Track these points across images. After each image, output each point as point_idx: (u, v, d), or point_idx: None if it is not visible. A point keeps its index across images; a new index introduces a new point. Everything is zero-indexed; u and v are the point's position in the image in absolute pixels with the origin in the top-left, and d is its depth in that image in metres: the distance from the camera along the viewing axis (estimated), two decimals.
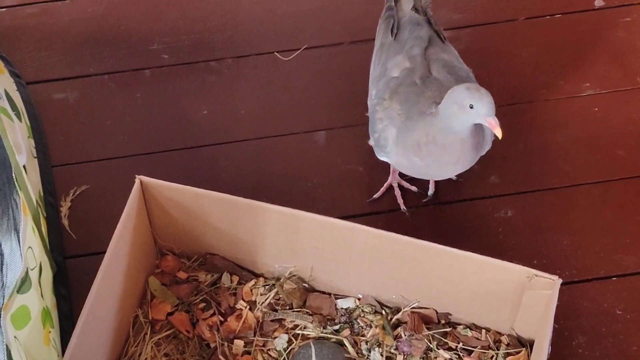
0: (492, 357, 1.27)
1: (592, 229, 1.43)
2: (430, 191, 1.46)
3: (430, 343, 1.27)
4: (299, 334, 1.30)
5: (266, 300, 1.32)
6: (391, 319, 1.30)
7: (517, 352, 1.27)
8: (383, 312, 1.31)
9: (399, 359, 1.27)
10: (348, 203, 1.46)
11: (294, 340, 1.29)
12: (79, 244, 1.41)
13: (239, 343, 1.28)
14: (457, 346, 1.28)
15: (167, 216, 1.30)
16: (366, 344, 1.29)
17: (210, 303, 1.31)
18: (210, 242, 1.33)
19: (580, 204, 1.46)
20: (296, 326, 1.30)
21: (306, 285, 1.34)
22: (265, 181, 1.48)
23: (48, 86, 1.58)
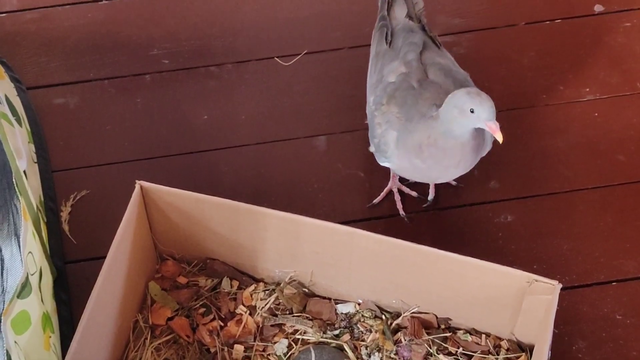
0: None
1: (592, 234, 1.43)
2: (430, 196, 1.46)
3: (430, 348, 1.27)
4: (299, 338, 1.30)
5: (266, 305, 1.32)
6: (391, 323, 1.30)
7: (517, 357, 1.27)
8: (383, 317, 1.31)
9: None
10: (348, 208, 1.46)
11: (294, 345, 1.29)
12: (79, 249, 1.41)
13: (239, 348, 1.28)
14: (457, 351, 1.28)
15: (167, 221, 1.30)
16: (366, 349, 1.29)
17: (210, 308, 1.31)
18: (211, 247, 1.33)
19: (580, 209, 1.46)
20: (296, 331, 1.30)
21: (306, 290, 1.34)
22: (266, 186, 1.48)
23: (48, 91, 1.58)
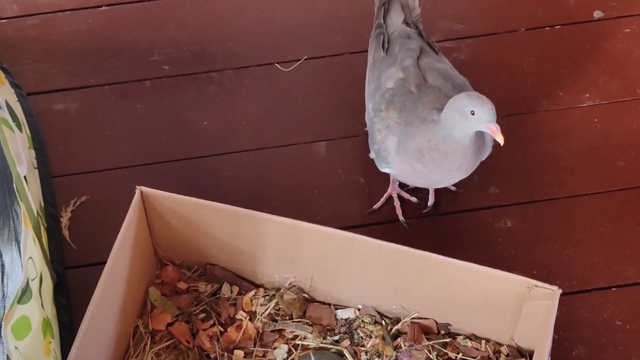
0: None
1: (592, 240, 1.43)
2: (430, 202, 1.46)
3: (430, 353, 1.27)
4: (299, 344, 1.30)
5: (266, 310, 1.32)
6: (391, 329, 1.30)
7: None
8: (383, 322, 1.31)
9: None
10: (348, 213, 1.46)
11: (294, 350, 1.29)
12: (79, 254, 1.41)
13: (239, 353, 1.28)
14: (456, 356, 1.28)
15: (167, 227, 1.30)
16: (366, 354, 1.29)
17: (210, 313, 1.31)
18: (211, 253, 1.33)
19: (580, 214, 1.46)
20: (296, 336, 1.30)
21: (306, 296, 1.34)
22: (266, 192, 1.48)
23: (49, 97, 1.58)
